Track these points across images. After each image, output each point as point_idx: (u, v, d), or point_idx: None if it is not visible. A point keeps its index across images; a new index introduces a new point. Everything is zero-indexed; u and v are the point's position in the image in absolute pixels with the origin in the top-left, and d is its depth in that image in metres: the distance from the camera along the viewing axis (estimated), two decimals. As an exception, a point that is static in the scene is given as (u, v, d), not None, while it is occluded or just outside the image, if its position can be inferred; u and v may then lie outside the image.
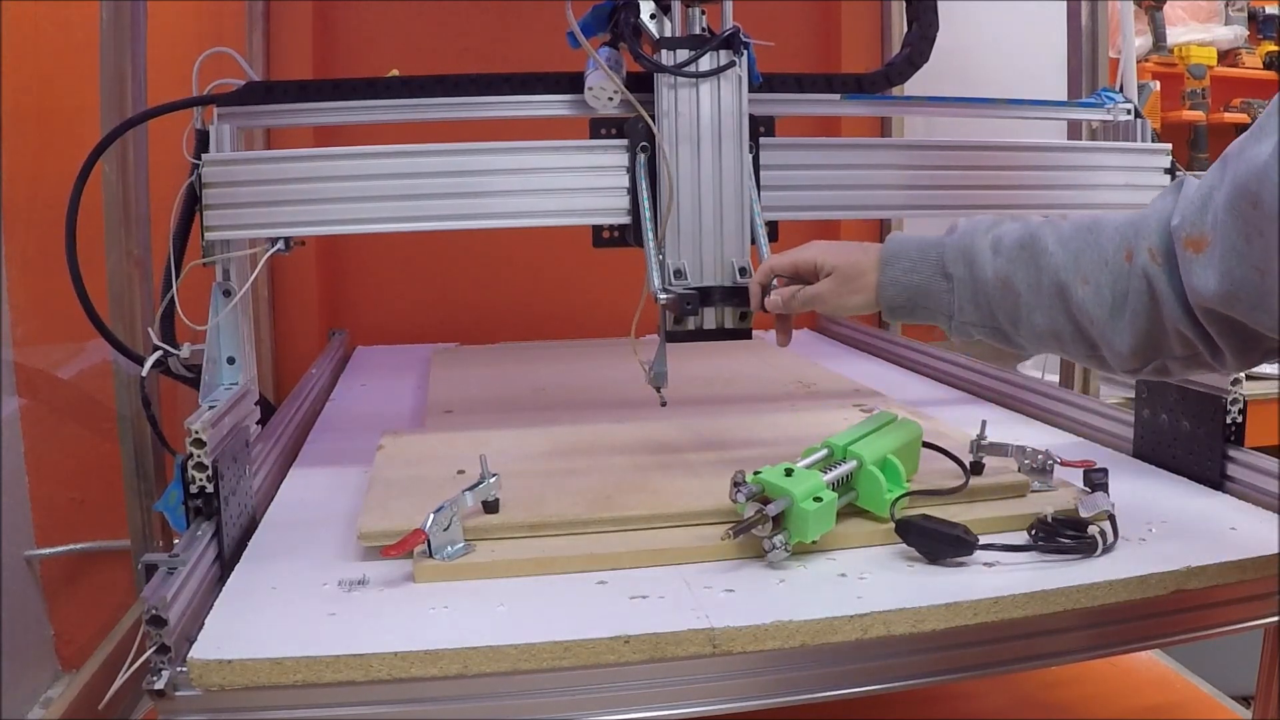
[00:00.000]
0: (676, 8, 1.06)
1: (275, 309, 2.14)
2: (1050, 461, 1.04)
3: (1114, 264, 0.79)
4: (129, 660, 0.74)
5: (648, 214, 1.08)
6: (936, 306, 0.90)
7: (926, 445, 1.06)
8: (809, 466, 0.94)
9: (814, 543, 0.89)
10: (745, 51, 1.07)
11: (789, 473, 0.90)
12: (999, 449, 1.06)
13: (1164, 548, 0.92)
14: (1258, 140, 0.68)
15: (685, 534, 0.94)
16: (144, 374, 1.05)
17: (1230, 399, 1.08)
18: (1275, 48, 3.04)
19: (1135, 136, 1.33)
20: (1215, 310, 0.74)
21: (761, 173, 1.14)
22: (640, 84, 1.08)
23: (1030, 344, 0.86)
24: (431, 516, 0.89)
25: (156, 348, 1.05)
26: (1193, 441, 1.12)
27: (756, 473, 0.90)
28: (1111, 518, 0.92)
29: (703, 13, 1.08)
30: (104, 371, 1.33)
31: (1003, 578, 0.86)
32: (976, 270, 0.87)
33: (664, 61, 1.06)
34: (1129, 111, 1.34)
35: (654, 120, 1.07)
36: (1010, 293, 0.85)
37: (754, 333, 1.10)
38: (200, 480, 0.91)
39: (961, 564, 0.89)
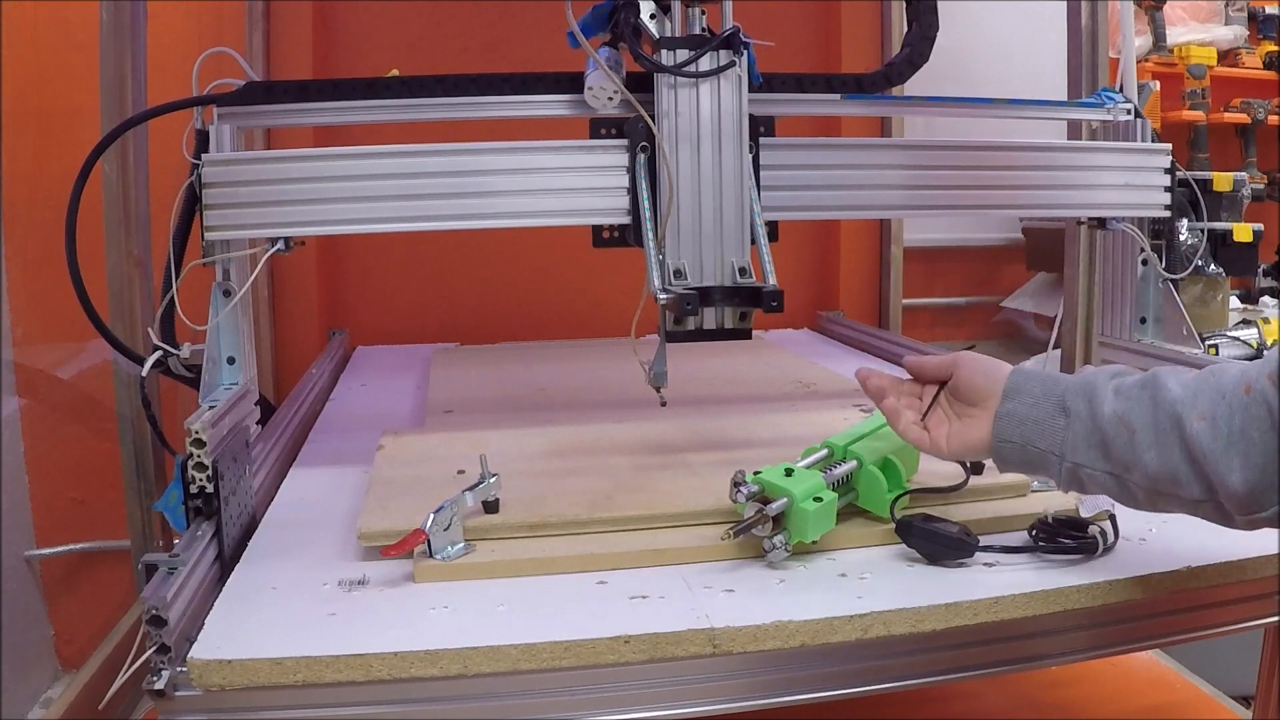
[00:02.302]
0: (676, 8, 1.06)
1: (275, 309, 2.14)
2: (1050, 461, 1.04)
3: (1231, 396, 0.75)
4: (129, 660, 0.74)
5: (648, 214, 1.08)
6: (1049, 445, 0.84)
7: (926, 445, 1.05)
8: (809, 466, 0.94)
9: (814, 543, 0.89)
10: (745, 51, 1.07)
11: (789, 473, 0.90)
12: (999, 449, 1.06)
13: (1164, 548, 0.92)
14: None
15: (685, 534, 0.94)
16: (144, 374, 1.05)
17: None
18: (1275, 48, 3.04)
19: (1135, 136, 1.33)
20: None
21: (761, 173, 1.14)
22: (640, 84, 1.08)
23: (1143, 490, 0.80)
24: (431, 516, 0.89)
25: (156, 348, 1.05)
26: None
27: (756, 473, 0.91)
28: (1112, 518, 0.92)
29: (703, 13, 1.08)
30: (104, 371, 1.33)
31: (1003, 578, 0.86)
32: (1095, 407, 0.82)
33: (664, 61, 1.05)
34: (1129, 111, 1.33)
35: (654, 120, 1.07)
36: (1125, 430, 0.80)
37: (754, 333, 1.10)
38: (200, 480, 0.91)
39: (961, 564, 0.89)
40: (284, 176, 1.09)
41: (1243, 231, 2.23)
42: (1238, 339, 2.14)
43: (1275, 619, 0.93)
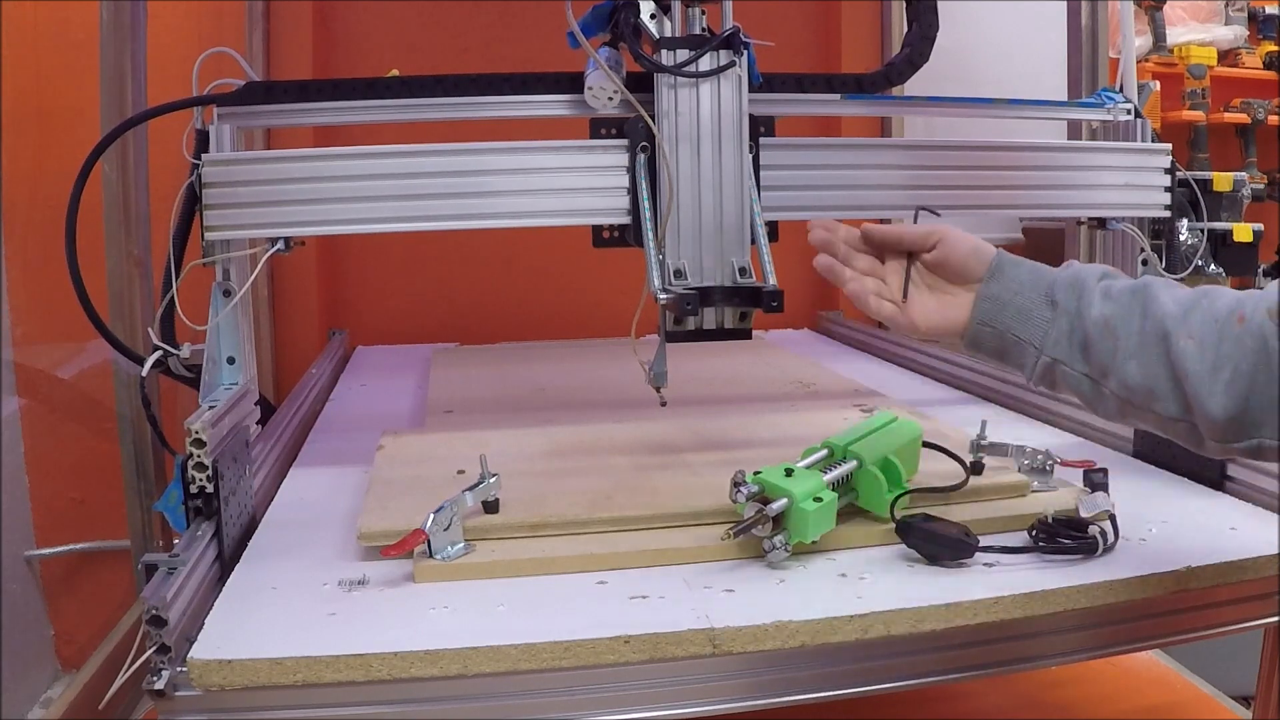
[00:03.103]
0: (676, 8, 1.06)
1: (275, 309, 2.14)
2: (1050, 461, 1.04)
3: (1224, 323, 0.74)
4: (129, 660, 0.74)
5: (648, 214, 1.08)
6: (1029, 336, 0.82)
7: (927, 445, 1.05)
8: (809, 466, 0.94)
9: (814, 543, 0.89)
10: (745, 51, 1.07)
11: (789, 473, 0.90)
12: (999, 449, 1.06)
13: (1164, 548, 0.92)
14: None
15: (685, 534, 0.94)
16: (144, 374, 1.05)
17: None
18: (1275, 48, 3.04)
19: (1135, 136, 1.33)
20: None
21: (761, 173, 1.14)
22: (640, 84, 1.08)
23: (1117, 399, 0.79)
24: (431, 516, 0.89)
25: (156, 348, 1.05)
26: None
27: (756, 473, 0.90)
28: (1112, 518, 0.92)
29: (703, 13, 1.08)
30: (104, 371, 1.33)
31: (1003, 578, 0.86)
32: (1084, 306, 0.80)
33: (664, 61, 1.05)
34: (1129, 111, 1.33)
35: (654, 120, 1.07)
36: (1110, 336, 0.79)
37: (754, 333, 1.10)
38: (200, 480, 0.91)
39: (961, 564, 0.89)
40: (284, 176, 1.09)
41: (1243, 231, 2.23)
42: (1238, 339, 2.14)
43: (1275, 619, 0.93)
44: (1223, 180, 2.33)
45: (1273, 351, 0.71)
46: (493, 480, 0.97)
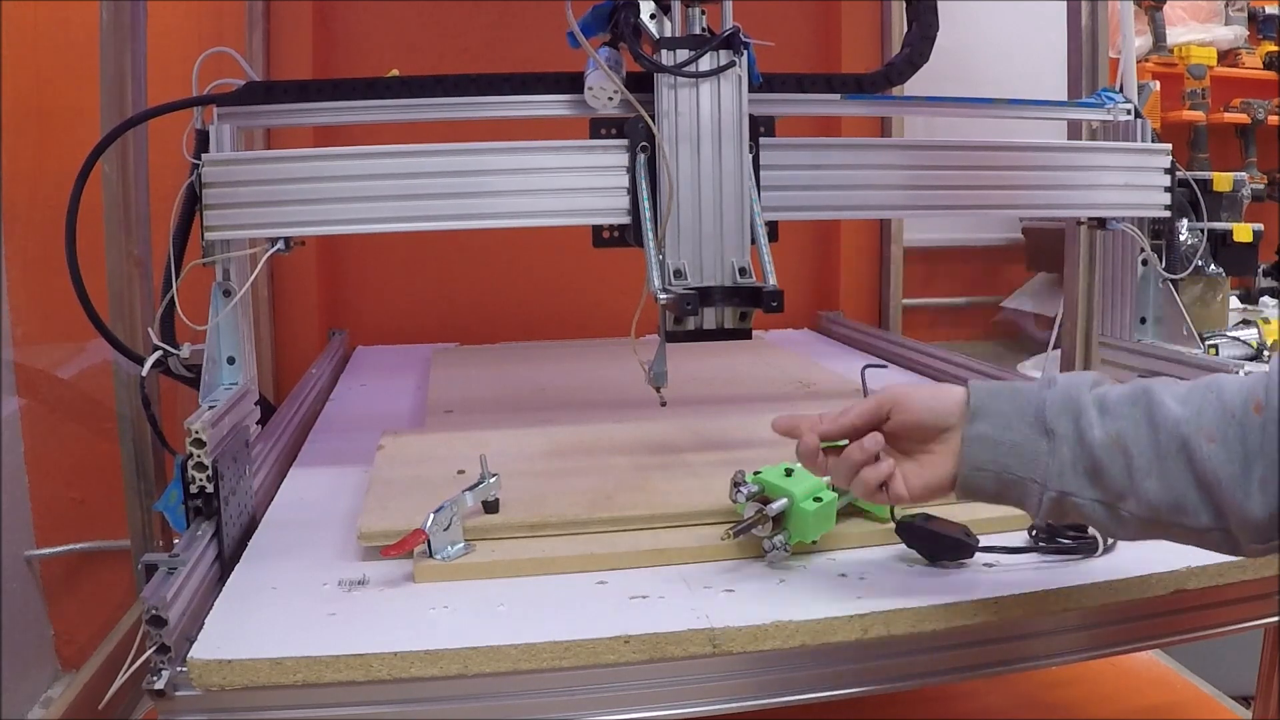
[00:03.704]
0: (676, 8, 1.06)
1: (275, 309, 2.14)
2: (1050, 461, 1.04)
3: (1242, 416, 0.68)
4: (129, 660, 0.74)
5: (648, 214, 1.08)
6: (1028, 472, 0.74)
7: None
8: (809, 466, 0.94)
9: (814, 543, 0.89)
10: (745, 51, 1.07)
11: (789, 473, 0.90)
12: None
13: (1164, 548, 0.92)
14: None
15: (685, 534, 0.94)
16: (144, 374, 1.05)
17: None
18: (1275, 48, 3.04)
19: (1135, 136, 1.33)
20: None
21: (761, 173, 1.14)
22: (640, 84, 1.08)
23: (1135, 521, 0.72)
24: (431, 516, 0.89)
25: (156, 348, 1.05)
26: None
27: (756, 473, 0.91)
28: (1112, 518, 0.92)
29: (703, 13, 1.08)
30: (104, 371, 1.33)
31: (1003, 578, 0.86)
32: (1083, 428, 0.73)
33: (664, 61, 1.05)
34: (1129, 111, 1.33)
35: (654, 120, 1.07)
36: (1121, 454, 0.71)
37: (754, 333, 1.10)
38: (200, 480, 0.91)
39: (961, 564, 0.89)
40: (284, 176, 1.09)
41: (1243, 231, 2.23)
42: (1238, 339, 2.14)
43: (1275, 619, 0.93)
44: (1223, 180, 2.33)
45: None
46: (493, 480, 0.97)
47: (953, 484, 0.78)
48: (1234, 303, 2.38)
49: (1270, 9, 3.07)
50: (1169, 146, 1.32)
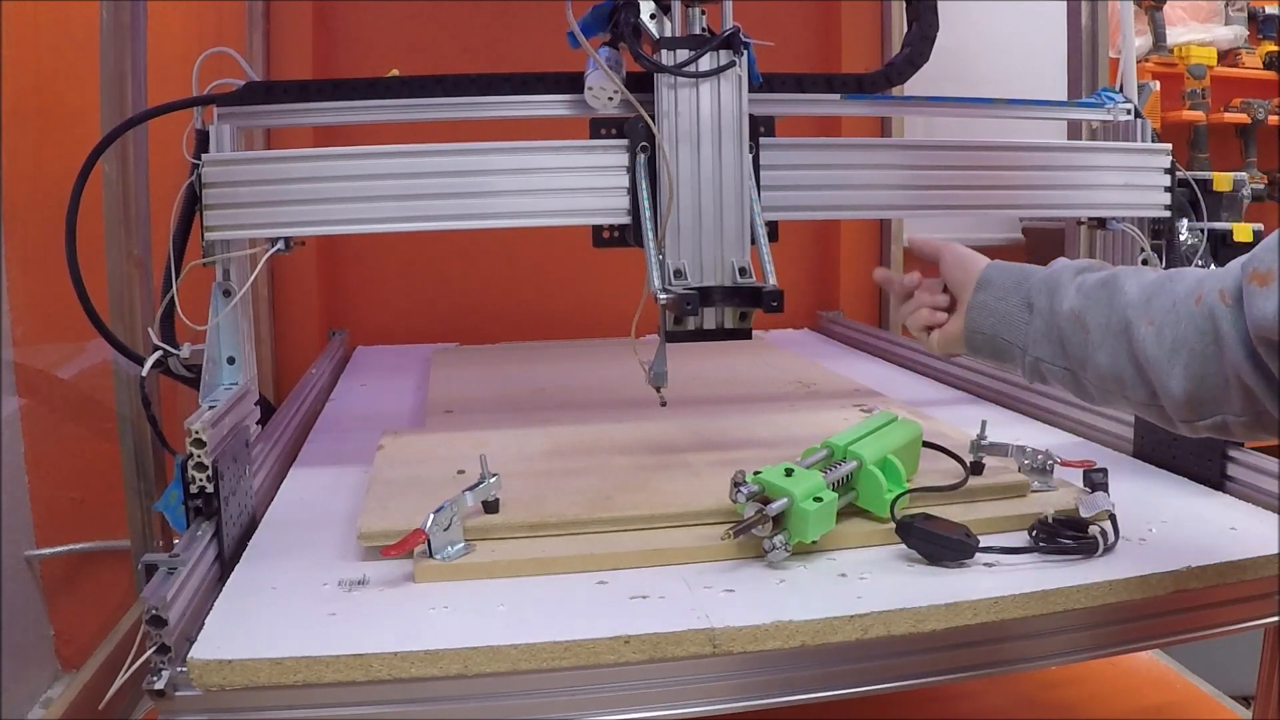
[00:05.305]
0: (676, 8, 1.06)
1: (275, 309, 2.14)
2: (1050, 461, 1.04)
3: (1181, 305, 0.75)
4: (129, 660, 0.74)
5: (648, 214, 1.08)
6: (1014, 338, 0.88)
7: (927, 445, 1.06)
8: (809, 466, 0.94)
9: (814, 543, 0.89)
10: (745, 51, 1.07)
11: (789, 473, 0.90)
12: (999, 449, 1.06)
13: (1164, 548, 0.92)
14: None
15: (685, 534, 0.94)
16: (144, 374, 1.05)
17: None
18: (1275, 48, 3.04)
19: (1135, 136, 1.33)
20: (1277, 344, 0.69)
21: (761, 173, 1.14)
22: (640, 84, 1.08)
23: (1095, 388, 0.83)
24: (431, 516, 0.89)
25: (156, 348, 1.05)
26: (1192, 442, 1.12)
27: (756, 473, 0.90)
28: (1112, 517, 0.92)
29: (703, 13, 1.08)
30: (104, 371, 1.33)
31: (1003, 578, 0.86)
32: (1056, 303, 0.85)
33: (664, 61, 1.05)
34: (1129, 111, 1.33)
35: (654, 120, 1.07)
36: (1081, 329, 0.82)
37: (754, 333, 1.10)
38: (200, 480, 0.91)
39: (962, 564, 0.89)
40: (284, 176, 1.09)
41: (1243, 231, 2.23)
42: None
43: (1275, 619, 0.93)
44: (1223, 180, 2.33)
45: (1223, 335, 0.72)
46: (493, 480, 0.97)
47: (960, 340, 0.93)
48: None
49: (1270, 9, 3.07)
50: (1169, 146, 1.32)
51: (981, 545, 0.89)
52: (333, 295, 2.24)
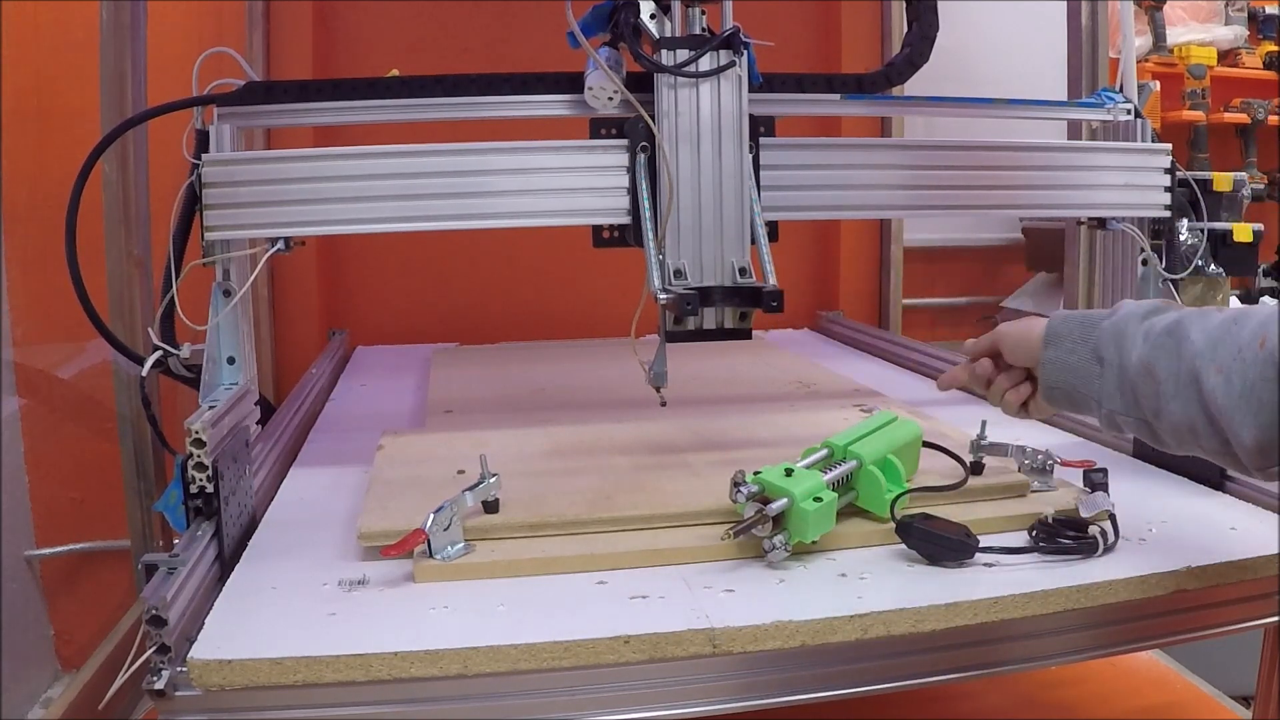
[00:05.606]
0: (676, 8, 1.06)
1: (275, 309, 2.14)
2: (1050, 461, 1.04)
3: (1247, 351, 0.74)
4: (129, 660, 0.74)
5: (648, 214, 1.08)
6: (1088, 391, 0.87)
7: (927, 445, 1.06)
8: (809, 466, 0.94)
9: (814, 543, 0.89)
10: (745, 51, 1.07)
11: (789, 473, 0.90)
12: (999, 449, 1.06)
13: (1164, 548, 0.92)
14: None
15: (685, 534, 0.94)
16: (144, 374, 1.05)
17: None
18: (1275, 48, 3.04)
19: (1135, 136, 1.33)
20: None
21: (761, 173, 1.14)
22: (640, 84, 1.08)
23: (1171, 438, 0.81)
24: (431, 516, 0.89)
25: (156, 348, 1.05)
26: (1193, 441, 1.12)
27: (756, 473, 0.90)
28: (1112, 518, 0.92)
29: (703, 13, 1.08)
30: (104, 371, 1.33)
31: (1003, 578, 0.86)
32: (1125, 355, 0.83)
33: (664, 61, 1.05)
34: (1129, 111, 1.33)
35: (654, 120, 1.07)
36: (1151, 380, 0.81)
37: (754, 333, 1.10)
38: (200, 480, 0.91)
39: (962, 564, 0.89)
40: (284, 176, 1.09)
41: (1243, 231, 2.23)
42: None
43: (1275, 619, 0.93)
44: (1223, 180, 2.32)
45: None
46: (493, 480, 0.97)
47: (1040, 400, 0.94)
48: (1234, 302, 2.38)
49: (1270, 9, 3.07)
50: (1169, 146, 1.32)
51: (981, 545, 0.89)
52: (333, 295, 2.24)
